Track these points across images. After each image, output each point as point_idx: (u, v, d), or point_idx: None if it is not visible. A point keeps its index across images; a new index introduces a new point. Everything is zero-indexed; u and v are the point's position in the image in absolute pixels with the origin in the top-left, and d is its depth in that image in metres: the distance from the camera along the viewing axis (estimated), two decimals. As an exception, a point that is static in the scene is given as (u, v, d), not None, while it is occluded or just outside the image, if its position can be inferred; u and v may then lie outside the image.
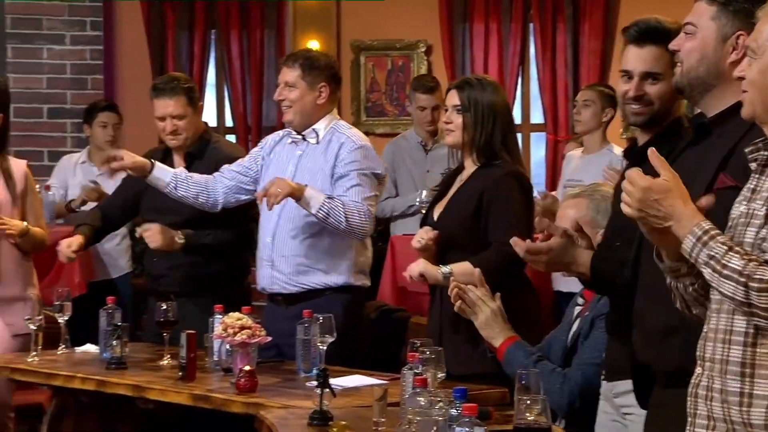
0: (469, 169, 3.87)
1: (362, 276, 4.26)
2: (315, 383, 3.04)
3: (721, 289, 2.07)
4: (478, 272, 3.52)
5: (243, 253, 4.61)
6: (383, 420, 2.85)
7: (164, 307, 3.97)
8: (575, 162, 5.78)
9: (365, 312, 4.79)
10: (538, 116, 7.42)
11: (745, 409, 2.08)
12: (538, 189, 6.50)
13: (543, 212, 4.91)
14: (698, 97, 2.58)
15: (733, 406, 2.10)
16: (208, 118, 7.44)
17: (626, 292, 2.71)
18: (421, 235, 3.83)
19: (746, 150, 2.20)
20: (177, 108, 4.49)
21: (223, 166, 4.40)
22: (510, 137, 3.90)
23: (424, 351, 3.10)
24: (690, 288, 2.24)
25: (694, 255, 2.10)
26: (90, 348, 4.31)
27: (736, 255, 2.05)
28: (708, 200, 2.21)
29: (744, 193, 2.18)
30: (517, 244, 3.07)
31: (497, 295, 3.40)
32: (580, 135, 6.10)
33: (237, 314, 3.68)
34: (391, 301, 5.44)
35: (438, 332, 3.75)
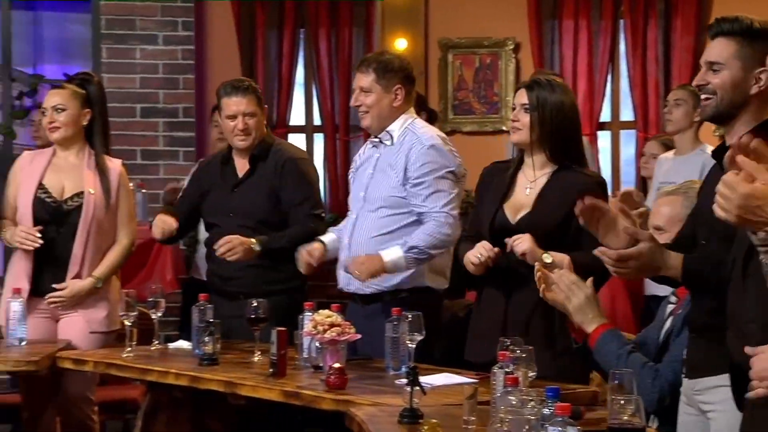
0: (535, 169, 3.85)
1: (439, 277, 4.25)
2: (404, 381, 3.05)
3: None
4: (568, 260, 3.51)
5: None
6: (473, 418, 2.84)
7: (255, 305, 4.01)
8: (667, 164, 5.71)
9: (453, 311, 4.79)
10: (627, 114, 7.33)
11: None
12: (627, 187, 6.45)
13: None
14: (728, 127, 2.93)
15: None
16: (296, 117, 7.52)
17: (722, 291, 2.67)
18: (480, 251, 3.78)
19: None
20: (249, 106, 4.56)
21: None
22: (576, 138, 3.89)
23: (514, 350, 3.09)
24: None
25: None
26: (183, 344, 4.37)
27: None
28: None
29: None
30: (605, 253, 3.02)
31: (590, 280, 3.35)
32: (665, 135, 6.03)
33: (327, 312, 3.71)
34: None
35: (500, 335, 3.72)
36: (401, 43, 7.27)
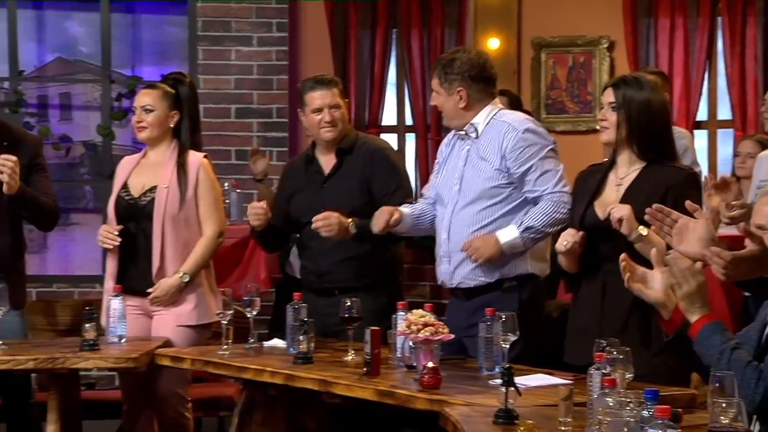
0: (625, 167, 3.81)
1: (541, 262, 4.22)
2: (499, 381, 3.03)
3: None
4: (663, 244, 3.45)
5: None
6: (569, 420, 2.82)
7: (348, 304, 4.03)
8: None
9: (547, 311, 4.75)
10: (725, 112, 7.21)
11: None
12: (724, 173, 6.33)
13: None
14: None
15: None
16: (388, 117, 7.54)
17: None
18: (566, 238, 3.78)
19: None
20: (334, 98, 4.57)
21: (424, 187, 4.45)
22: (666, 135, 3.83)
23: (611, 351, 3.06)
24: None
25: None
26: (277, 343, 4.40)
27: None
28: None
29: None
30: (719, 254, 2.95)
31: (704, 270, 3.28)
32: (760, 133, 5.92)
33: (420, 311, 3.69)
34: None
35: (597, 333, 3.67)
36: (494, 42, 7.24)
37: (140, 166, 4.70)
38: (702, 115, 7.20)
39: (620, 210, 3.67)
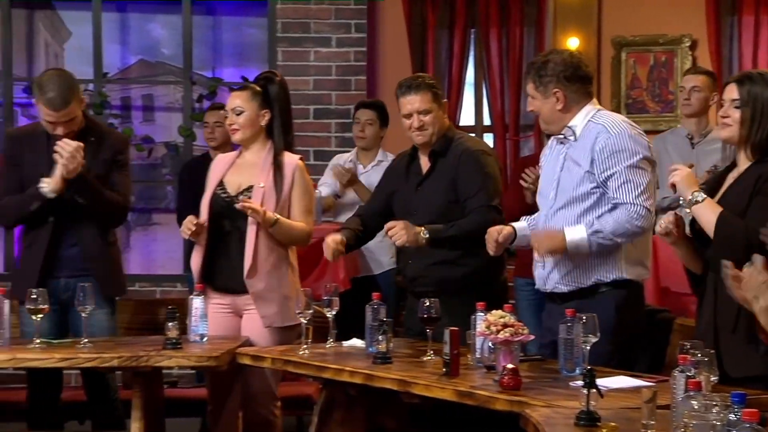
0: (741, 166, 3.73)
1: (639, 268, 4.13)
2: (580, 383, 3.01)
3: None
4: (761, 259, 3.39)
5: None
6: (652, 422, 2.78)
7: (427, 304, 4.02)
8: None
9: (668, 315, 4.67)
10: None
11: None
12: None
13: None
14: None
15: None
16: (466, 117, 7.52)
17: None
18: (660, 222, 3.73)
19: None
20: (423, 103, 4.55)
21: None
22: None
23: (695, 353, 3.01)
24: None
25: None
26: (356, 342, 4.42)
27: None
28: None
29: None
30: None
31: None
32: None
33: (500, 312, 3.68)
34: (654, 302, 5.30)
35: (713, 332, 3.62)
36: (573, 41, 7.19)
37: (236, 166, 4.74)
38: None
39: (677, 174, 3.64)
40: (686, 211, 3.71)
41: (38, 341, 4.34)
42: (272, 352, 4.30)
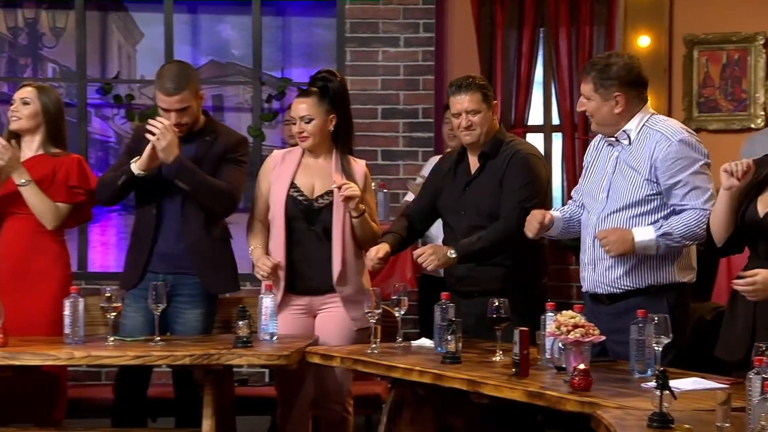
0: None
1: (689, 270, 4.15)
2: (652, 384, 2.99)
3: None
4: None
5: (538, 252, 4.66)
6: (727, 425, 2.76)
7: (496, 304, 4.01)
8: None
9: (701, 313, 4.65)
10: None
11: None
12: None
13: None
14: None
15: None
16: (535, 117, 7.48)
17: None
18: (741, 162, 3.69)
19: None
20: (472, 103, 4.55)
21: (573, 189, 4.42)
22: None
23: (772, 355, 2.97)
24: None
25: None
26: (425, 342, 4.42)
27: None
28: None
29: None
30: None
31: None
32: None
33: (570, 312, 3.67)
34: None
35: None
36: (644, 40, 7.13)
37: (305, 167, 4.75)
38: None
39: (740, 164, 3.61)
40: None
41: (112, 339, 4.40)
42: (341, 351, 4.32)
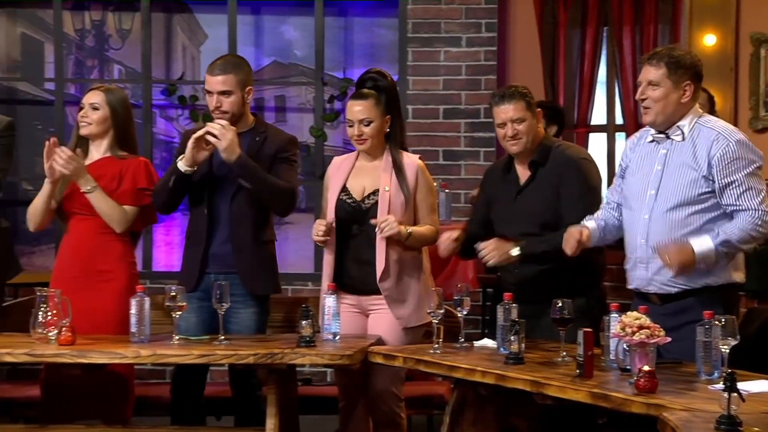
0: None
1: (740, 272, 4.11)
2: (719, 386, 2.95)
3: None
4: None
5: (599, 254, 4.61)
6: (797, 429, 2.72)
7: (560, 305, 3.99)
8: None
9: (763, 315, 4.61)
10: None
11: None
12: None
13: None
14: None
15: None
16: (598, 116, 7.44)
17: None
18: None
19: None
20: (516, 112, 4.52)
21: (608, 192, 4.38)
22: None
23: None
24: None
25: None
26: (487, 342, 4.41)
27: None
28: None
29: None
30: None
31: None
32: None
33: (635, 313, 3.63)
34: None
35: None
36: (710, 38, 7.06)
37: (357, 169, 4.77)
38: None
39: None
40: None
41: (177, 338, 4.45)
42: (404, 351, 4.32)
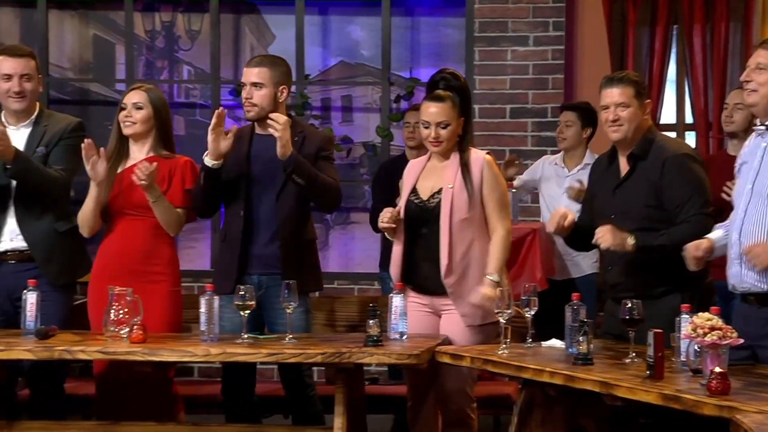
0: None
1: None
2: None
3: None
4: None
5: None
6: None
7: (629, 305, 3.96)
8: None
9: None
10: None
11: None
12: None
13: None
14: None
15: None
16: (667, 116, 7.36)
17: None
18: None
19: None
20: (622, 96, 4.44)
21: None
22: None
23: None
24: None
25: None
26: (555, 343, 4.38)
27: None
28: None
29: None
30: None
31: None
32: None
33: (707, 315, 3.59)
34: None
35: None
36: (782, 36, 6.94)
37: (427, 170, 4.77)
38: None
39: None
40: None
41: (245, 336, 4.48)
42: (471, 351, 4.31)
